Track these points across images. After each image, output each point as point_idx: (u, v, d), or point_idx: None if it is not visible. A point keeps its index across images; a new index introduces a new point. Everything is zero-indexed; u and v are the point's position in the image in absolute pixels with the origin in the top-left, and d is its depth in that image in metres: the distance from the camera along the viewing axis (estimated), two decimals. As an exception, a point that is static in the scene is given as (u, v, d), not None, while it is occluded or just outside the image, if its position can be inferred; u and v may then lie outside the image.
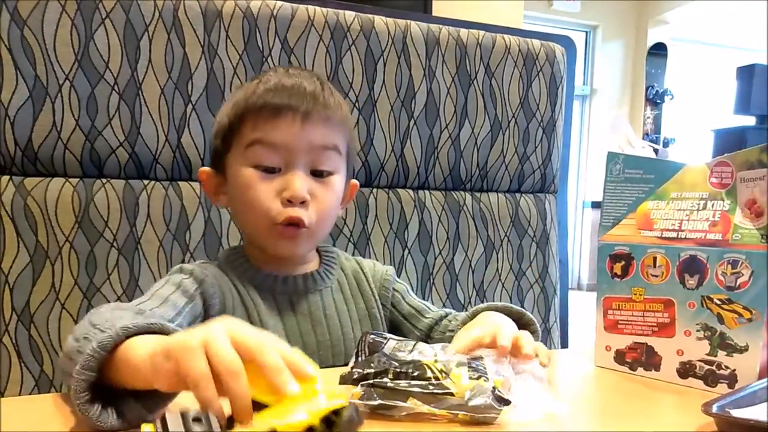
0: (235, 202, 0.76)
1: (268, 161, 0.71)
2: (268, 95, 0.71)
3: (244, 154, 0.72)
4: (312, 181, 0.72)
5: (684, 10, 5.94)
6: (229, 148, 0.74)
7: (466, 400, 0.53)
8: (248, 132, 0.72)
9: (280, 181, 0.71)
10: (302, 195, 0.70)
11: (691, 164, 0.70)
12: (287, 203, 0.71)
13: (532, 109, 1.17)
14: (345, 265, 0.84)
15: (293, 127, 0.71)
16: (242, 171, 0.72)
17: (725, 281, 0.64)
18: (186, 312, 0.69)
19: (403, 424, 0.53)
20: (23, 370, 0.86)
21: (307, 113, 0.71)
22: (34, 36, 0.86)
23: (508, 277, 1.16)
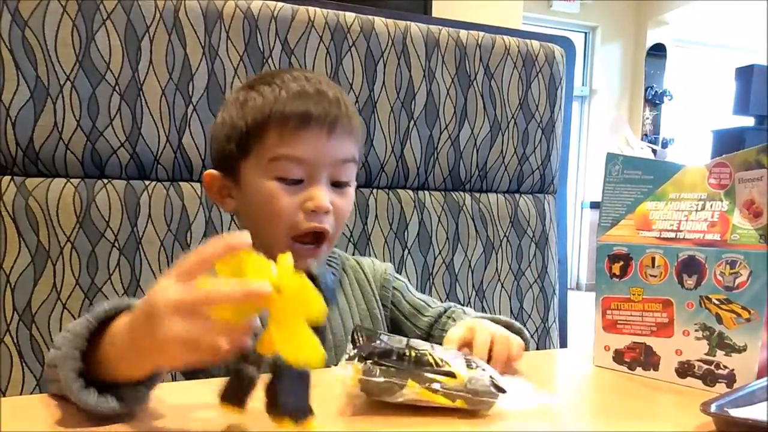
0: (249, 211, 0.75)
1: (292, 174, 0.70)
2: (292, 104, 0.70)
3: (267, 166, 0.70)
4: (332, 192, 0.72)
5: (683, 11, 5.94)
6: (247, 155, 0.72)
7: (466, 383, 0.54)
8: (273, 145, 0.70)
9: (303, 194, 0.70)
10: (327, 206, 0.70)
11: (690, 165, 0.70)
12: (311, 214, 0.70)
13: (531, 109, 1.17)
14: (346, 265, 0.85)
15: (319, 141, 0.70)
16: (264, 183, 0.71)
17: (724, 281, 0.65)
18: None
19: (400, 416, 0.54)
20: (24, 370, 0.86)
21: (332, 125, 0.71)
22: (35, 36, 0.86)
23: (507, 277, 1.16)
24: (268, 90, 0.72)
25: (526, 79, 1.16)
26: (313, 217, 0.70)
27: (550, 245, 1.20)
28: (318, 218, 0.70)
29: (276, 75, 0.74)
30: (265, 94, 0.71)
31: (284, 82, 0.72)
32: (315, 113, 0.70)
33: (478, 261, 1.14)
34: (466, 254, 1.13)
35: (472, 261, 1.14)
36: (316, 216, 0.70)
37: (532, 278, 1.18)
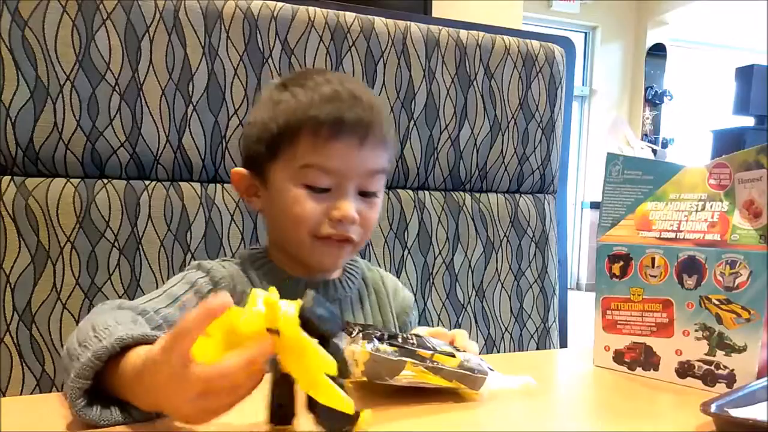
0: (274, 212, 0.74)
1: (321, 183, 0.70)
2: (326, 110, 0.68)
3: (296, 172, 0.70)
4: (359, 202, 0.72)
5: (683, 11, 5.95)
6: (276, 158, 0.71)
7: (462, 361, 0.58)
8: (304, 152, 0.69)
9: (329, 202, 0.70)
10: (354, 217, 0.70)
11: (690, 166, 0.70)
12: (336, 222, 0.70)
13: (531, 109, 1.17)
14: (367, 276, 0.84)
15: (351, 152, 0.69)
16: (291, 188, 0.70)
17: (723, 281, 0.65)
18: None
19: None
20: (24, 370, 0.86)
21: (365, 135, 0.70)
22: (35, 36, 0.86)
23: (507, 277, 1.16)
24: (301, 92, 0.70)
25: (526, 79, 1.16)
26: (338, 226, 0.70)
27: (550, 245, 1.20)
28: (343, 227, 0.70)
29: (309, 76, 0.73)
30: (299, 97, 0.70)
31: (318, 84, 0.71)
32: (348, 122, 0.68)
33: (478, 261, 1.14)
34: (466, 254, 1.13)
35: (472, 261, 1.14)
36: (341, 225, 0.70)
37: (532, 278, 1.19)
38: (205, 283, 0.71)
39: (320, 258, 0.73)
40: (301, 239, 0.71)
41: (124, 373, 0.49)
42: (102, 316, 0.56)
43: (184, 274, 0.73)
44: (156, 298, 0.68)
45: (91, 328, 0.54)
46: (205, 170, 0.97)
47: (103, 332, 0.52)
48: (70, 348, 0.53)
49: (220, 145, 0.96)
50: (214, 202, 0.96)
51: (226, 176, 0.98)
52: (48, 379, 0.87)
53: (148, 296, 0.68)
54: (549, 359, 0.92)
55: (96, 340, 0.51)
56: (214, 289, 0.71)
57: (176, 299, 0.68)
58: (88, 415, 0.48)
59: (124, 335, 0.50)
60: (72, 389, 0.48)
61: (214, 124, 0.96)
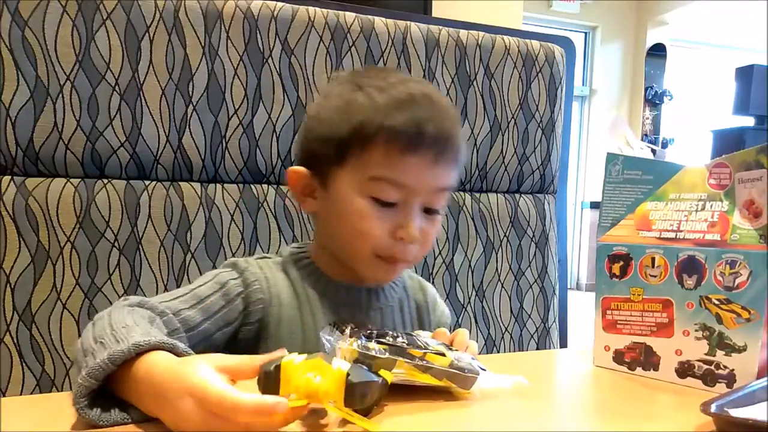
0: (332, 219, 0.71)
1: (389, 197, 0.67)
2: (404, 123, 0.65)
3: (363, 183, 0.67)
4: (423, 219, 0.69)
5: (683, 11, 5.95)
6: (343, 163, 0.68)
7: (453, 360, 0.58)
8: (376, 163, 0.66)
9: (394, 218, 0.68)
10: (417, 238, 0.68)
11: (690, 166, 0.70)
12: (399, 241, 0.68)
13: (531, 109, 1.17)
14: (408, 285, 0.82)
15: (425, 168, 0.66)
16: (356, 199, 0.67)
17: (723, 281, 0.65)
18: (218, 317, 0.68)
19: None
20: (24, 370, 0.86)
21: (441, 153, 0.67)
22: (35, 36, 0.86)
23: (507, 277, 1.16)
24: (378, 94, 0.66)
25: (526, 79, 1.16)
26: (400, 245, 0.68)
27: (550, 245, 1.20)
28: (406, 247, 0.68)
29: (385, 76, 0.69)
30: (375, 99, 0.66)
31: (393, 86, 0.67)
32: (428, 136, 0.65)
33: (478, 261, 1.14)
34: (466, 254, 1.13)
35: (472, 261, 1.14)
36: (403, 244, 0.68)
37: (532, 278, 1.19)
38: (235, 286, 0.70)
39: (375, 274, 0.72)
40: (360, 254, 0.69)
41: (134, 377, 0.49)
42: (120, 314, 0.56)
43: (217, 273, 0.71)
44: (181, 297, 0.66)
45: (108, 324, 0.54)
46: (205, 170, 0.97)
47: (119, 331, 0.52)
48: (84, 342, 0.53)
49: (220, 145, 0.96)
50: (214, 202, 0.96)
51: (226, 176, 0.98)
52: (48, 379, 0.87)
53: (175, 293, 0.67)
54: (549, 359, 0.92)
55: (112, 339, 0.51)
56: (243, 293, 0.70)
57: (201, 301, 0.67)
58: (88, 415, 0.48)
59: (141, 341, 0.49)
60: (80, 386, 0.48)
61: (214, 124, 0.96)
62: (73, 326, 0.88)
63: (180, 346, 0.51)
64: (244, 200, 0.98)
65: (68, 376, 0.88)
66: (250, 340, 0.71)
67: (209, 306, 0.67)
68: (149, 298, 0.64)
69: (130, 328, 0.53)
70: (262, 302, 0.71)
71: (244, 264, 0.72)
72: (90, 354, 0.51)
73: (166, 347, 0.50)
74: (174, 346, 0.51)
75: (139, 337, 0.50)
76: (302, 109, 1.01)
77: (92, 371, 0.48)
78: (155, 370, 0.48)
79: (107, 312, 0.58)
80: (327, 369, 0.47)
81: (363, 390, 0.48)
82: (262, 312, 0.71)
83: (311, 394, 0.46)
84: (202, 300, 0.67)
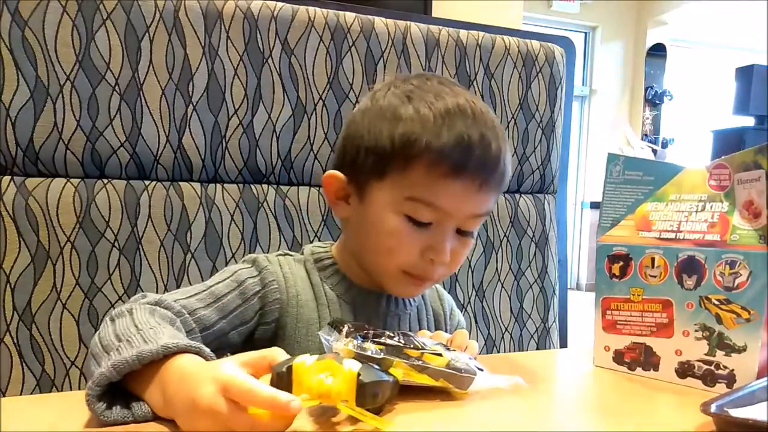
0: (364, 231, 0.70)
1: (424, 218, 0.66)
2: (451, 145, 0.63)
3: (400, 202, 0.65)
4: (455, 240, 0.68)
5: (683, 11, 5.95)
6: (383, 177, 0.66)
7: (449, 360, 0.58)
8: (417, 184, 0.64)
9: (427, 238, 0.66)
10: (448, 260, 0.67)
11: (691, 167, 0.70)
12: (429, 261, 0.67)
13: (531, 109, 1.17)
14: (426, 293, 0.81)
15: (467, 196, 0.65)
16: (391, 216, 0.66)
17: (723, 282, 0.65)
18: (233, 316, 0.68)
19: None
20: (24, 370, 0.86)
21: (485, 182, 0.65)
22: (35, 36, 0.86)
23: (507, 277, 1.16)
24: (427, 111, 0.64)
25: (526, 79, 1.16)
26: (429, 265, 0.67)
27: (550, 245, 1.20)
28: (434, 267, 0.68)
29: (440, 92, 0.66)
30: (424, 116, 0.64)
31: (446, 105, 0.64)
32: (472, 163, 0.63)
33: (478, 261, 1.14)
34: (466, 254, 1.13)
35: (472, 261, 1.14)
36: (432, 264, 0.67)
37: (532, 278, 1.19)
38: (253, 284, 0.69)
39: (401, 290, 0.72)
40: (387, 269, 0.69)
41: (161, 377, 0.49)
42: (143, 314, 0.57)
43: (236, 270, 0.70)
44: (198, 295, 0.66)
45: (133, 324, 0.54)
46: (205, 170, 0.97)
47: (147, 332, 0.52)
48: (105, 338, 0.54)
49: (220, 145, 0.96)
50: (214, 202, 0.96)
51: (226, 176, 0.98)
52: (48, 379, 0.87)
53: (191, 289, 0.67)
54: (549, 359, 0.92)
55: (140, 339, 0.51)
56: (260, 292, 0.70)
57: (218, 299, 0.67)
58: (94, 405, 0.48)
59: (170, 344, 0.50)
60: (101, 375, 0.48)
61: (214, 124, 0.96)
62: (73, 326, 0.88)
63: (206, 350, 0.52)
64: (244, 200, 0.98)
65: (68, 376, 0.88)
66: (266, 340, 0.71)
67: (225, 305, 0.67)
68: (166, 296, 0.64)
69: (157, 329, 0.53)
70: (279, 302, 0.71)
71: (264, 262, 0.72)
72: (114, 350, 0.51)
73: (193, 351, 0.51)
74: (200, 350, 0.52)
75: (167, 339, 0.51)
76: (302, 109, 1.01)
77: (118, 364, 0.49)
78: (185, 371, 0.49)
79: (127, 309, 0.58)
80: (338, 369, 0.48)
81: (374, 389, 0.48)
82: (279, 312, 0.71)
83: (323, 394, 0.47)
84: (219, 298, 0.67)
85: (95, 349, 0.54)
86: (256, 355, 0.50)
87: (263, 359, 0.49)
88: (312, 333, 0.71)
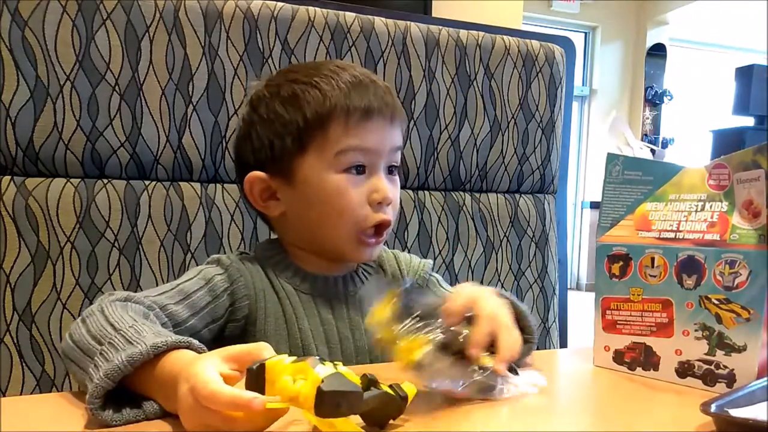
0: (307, 211, 0.72)
1: (358, 161, 0.70)
2: (355, 95, 0.70)
3: (333, 160, 0.70)
4: (388, 181, 0.73)
5: (683, 11, 5.95)
6: (304, 151, 0.70)
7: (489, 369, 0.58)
8: (340, 137, 0.69)
9: (367, 184, 0.71)
10: (392, 197, 0.72)
11: (690, 166, 0.70)
12: (377, 206, 0.71)
13: (531, 109, 1.17)
14: (383, 261, 0.82)
15: (383, 130, 0.71)
16: (330, 177, 0.70)
17: (723, 281, 0.65)
18: (204, 313, 0.68)
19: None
20: (24, 370, 0.86)
21: (393, 114, 0.72)
22: (35, 36, 0.86)
23: (507, 277, 1.16)
24: (325, 84, 0.70)
25: (526, 79, 1.16)
26: (378, 209, 0.71)
27: (550, 245, 1.21)
28: (383, 209, 0.71)
29: (321, 69, 0.73)
30: (323, 88, 0.70)
31: (338, 75, 0.71)
32: (377, 103, 0.71)
33: (478, 261, 1.14)
34: (466, 254, 1.13)
35: (472, 261, 1.14)
36: (381, 207, 0.71)
37: (532, 278, 1.19)
38: (221, 281, 0.70)
39: (361, 253, 0.73)
40: (343, 233, 0.71)
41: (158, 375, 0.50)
42: (115, 311, 0.56)
43: (201, 269, 0.71)
44: (167, 292, 0.66)
45: (108, 324, 0.54)
46: (205, 170, 0.97)
47: (127, 331, 0.52)
48: (81, 341, 0.54)
49: (220, 145, 0.96)
50: (214, 202, 0.96)
51: (226, 176, 0.98)
52: (48, 379, 0.87)
53: (160, 288, 0.67)
54: (549, 359, 0.92)
55: (122, 340, 0.51)
56: (229, 289, 0.70)
57: (188, 296, 0.67)
58: (101, 415, 0.48)
59: (159, 342, 0.50)
60: (96, 387, 0.48)
61: (214, 124, 0.96)
62: (73, 326, 0.88)
63: (195, 342, 0.52)
64: (243, 200, 0.98)
65: (68, 376, 0.88)
66: (236, 337, 0.71)
67: (195, 302, 0.67)
68: (135, 293, 0.64)
69: (137, 327, 0.53)
70: (248, 298, 0.71)
71: (227, 260, 0.72)
72: (98, 354, 0.51)
73: (183, 346, 0.51)
74: (190, 344, 0.52)
75: (153, 337, 0.51)
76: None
77: (110, 372, 0.48)
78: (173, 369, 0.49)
79: (97, 309, 0.58)
80: (310, 373, 0.46)
81: (336, 399, 0.45)
82: (248, 308, 0.71)
83: (292, 397, 0.45)
84: (189, 296, 0.67)
85: (73, 353, 0.54)
86: (241, 350, 0.49)
87: (248, 354, 0.49)
88: (279, 327, 0.72)
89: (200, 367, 0.46)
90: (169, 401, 0.49)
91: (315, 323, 0.73)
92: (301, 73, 0.73)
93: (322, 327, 0.73)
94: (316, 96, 0.70)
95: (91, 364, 0.51)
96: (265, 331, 0.71)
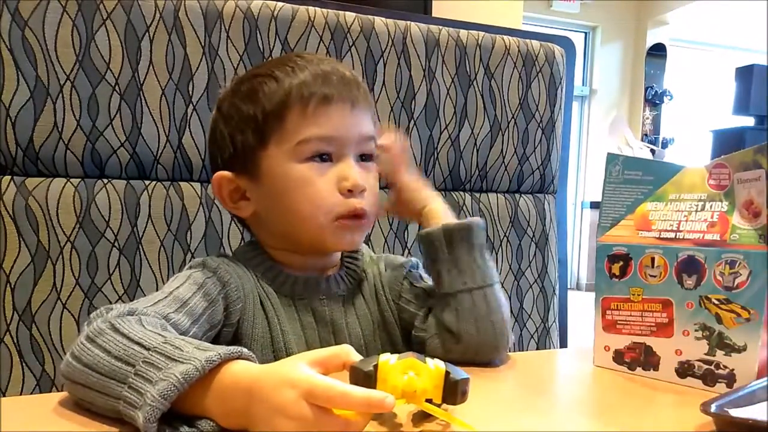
0: (277, 206, 0.70)
1: (321, 150, 0.68)
2: (313, 83, 0.68)
3: (295, 149, 0.68)
4: (360, 168, 0.70)
5: (683, 11, 5.95)
6: (266, 144, 0.69)
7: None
8: (298, 127, 0.68)
9: (335, 171, 0.69)
10: (363, 184, 0.69)
11: (690, 166, 0.70)
12: (348, 194, 0.68)
13: (531, 109, 1.17)
14: (367, 265, 0.80)
15: (344, 117, 0.69)
16: (294, 167, 0.68)
17: (723, 281, 0.65)
18: (203, 320, 0.64)
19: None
20: (24, 370, 0.86)
21: (354, 101, 0.70)
22: (35, 36, 0.86)
23: (507, 277, 1.16)
24: (282, 74, 0.69)
25: (526, 79, 1.16)
26: (350, 197, 0.69)
27: (550, 245, 1.20)
28: (357, 197, 0.69)
29: (283, 61, 0.72)
30: (280, 78, 0.68)
31: (296, 65, 0.69)
32: (336, 90, 0.68)
33: (478, 261, 1.14)
34: (466, 254, 1.13)
35: (472, 261, 1.13)
36: (353, 195, 0.69)
37: (532, 278, 1.19)
38: (213, 285, 0.67)
39: (342, 240, 0.71)
40: (318, 223, 0.69)
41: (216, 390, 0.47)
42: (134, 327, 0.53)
43: (189, 274, 0.67)
44: (162, 301, 0.62)
45: (134, 342, 0.50)
46: (205, 170, 0.97)
47: (163, 347, 0.49)
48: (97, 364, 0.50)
49: (220, 145, 0.96)
50: (214, 202, 0.96)
51: (226, 176, 0.98)
52: (48, 379, 0.87)
53: (154, 297, 0.63)
54: (549, 359, 0.92)
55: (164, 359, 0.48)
56: (222, 292, 0.67)
57: (184, 303, 0.63)
58: None
59: (213, 356, 0.47)
60: (153, 410, 0.45)
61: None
62: (73, 326, 0.88)
63: (245, 351, 0.50)
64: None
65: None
66: (228, 343, 0.67)
67: (193, 308, 0.63)
68: (134, 305, 0.60)
69: (174, 343, 0.50)
70: (240, 300, 0.69)
71: (213, 263, 0.69)
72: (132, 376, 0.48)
73: (234, 356, 0.49)
74: (241, 353, 0.49)
75: (201, 352, 0.48)
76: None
77: (166, 393, 0.45)
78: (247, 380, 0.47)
79: (107, 327, 0.53)
80: (423, 368, 0.48)
81: (464, 387, 0.48)
82: (240, 311, 0.69)
83: (409, 393, 0.47)
84: (185, 302, 0.63)
85: (87, 377, 0.51)
86: (327, 353, 0.48)
87: (336, 357, 0.48)
88: (264, 331, 0.69)
89: (304, 372, 0.45)
90: (229, 417, 0.47)
91: (296, 328, 0.71)
92: (264, 67, 0.72)
93: (302, 331, 0.71)
94: (272, 87, 0.68)
95: (122, 387, 0.48)
96: (253, 334, 0.69)
